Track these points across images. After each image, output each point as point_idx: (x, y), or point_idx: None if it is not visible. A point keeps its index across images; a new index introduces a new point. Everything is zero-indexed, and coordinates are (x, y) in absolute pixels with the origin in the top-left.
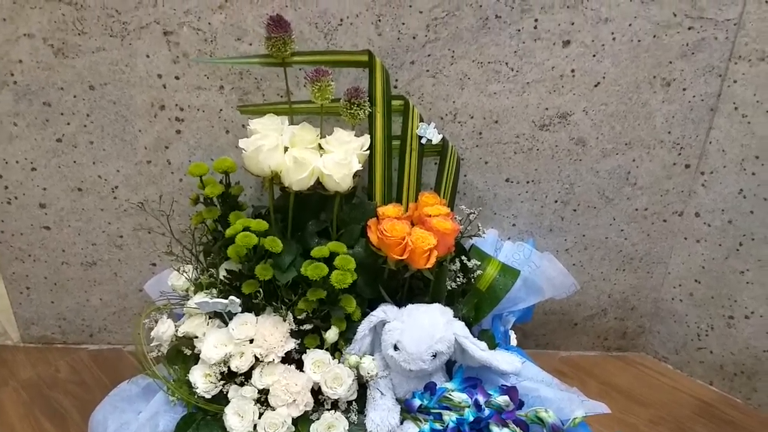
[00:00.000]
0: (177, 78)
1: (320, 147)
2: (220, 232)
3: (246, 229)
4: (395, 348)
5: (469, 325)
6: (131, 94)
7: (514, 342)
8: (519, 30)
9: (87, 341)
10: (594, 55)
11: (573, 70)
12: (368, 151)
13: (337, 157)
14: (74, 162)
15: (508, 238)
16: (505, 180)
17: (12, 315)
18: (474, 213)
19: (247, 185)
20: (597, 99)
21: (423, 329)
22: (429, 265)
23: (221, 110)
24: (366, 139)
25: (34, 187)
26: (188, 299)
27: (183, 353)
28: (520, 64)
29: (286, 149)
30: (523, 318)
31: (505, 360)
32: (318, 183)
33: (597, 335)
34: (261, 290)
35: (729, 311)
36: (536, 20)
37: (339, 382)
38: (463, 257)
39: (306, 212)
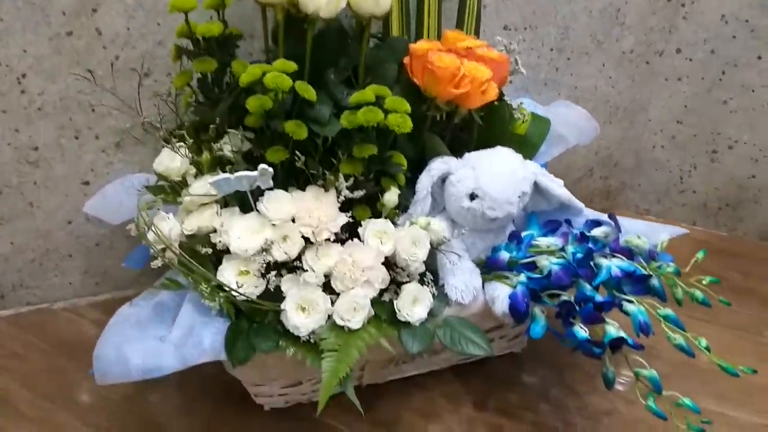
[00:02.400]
0: None
1: None
2: (216, 95)
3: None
4: (471, 198)
5: None
6: None
7: None
8: None
9: (31, 300)
10: None
11: None
12: None
13: None
14: None
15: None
16: (503, 27)
17: None
18: (513, 43)
19: None
20: None
21: (503, 169)
22: (487, 101)
23: None
24: None
25: None
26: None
27: (199, 253)
28: None
29: None
30: None
31: None
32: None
33: (584, 198)
34: (298, 154)
35: (712, 146)
36: None
37: (418, 245)
38: (507, 100)
39: (321, 60)
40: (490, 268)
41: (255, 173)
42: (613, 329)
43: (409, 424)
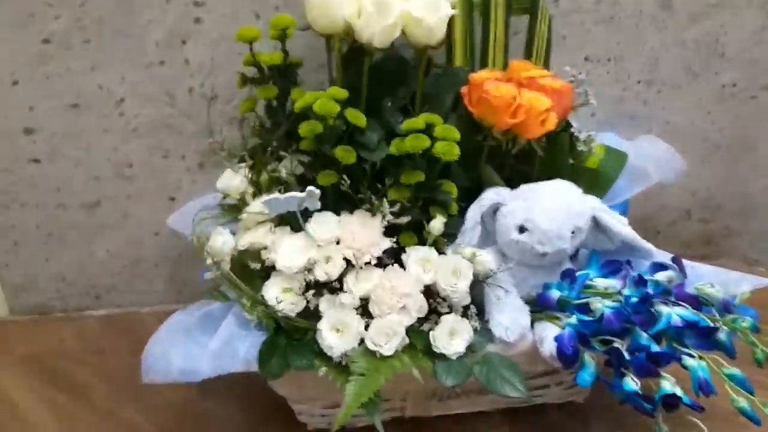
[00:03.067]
0: None
1: None
2: (278, 119)
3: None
4: (521, 231)
5: None
6: None
7: None
8: None
9: (92, 306)
10: None
11: None
12: None
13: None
14: (67, 69)
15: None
16: (584, 58)
17: None
18: (581, 74)
19: None
20: None
21: (556, 202)
22: (546, 131)
23: None
24: None
25: (17, 107)
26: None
27: (249, 269)
28: None
29: None
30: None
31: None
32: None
33: (680, 243)
34: (345, 178)
35: None
36: None
37: (458, 276)
38: (572, 129)
39: (380, 88)
40: (540, 307)
41: (303, 194)
42: (668, 384)
43: None
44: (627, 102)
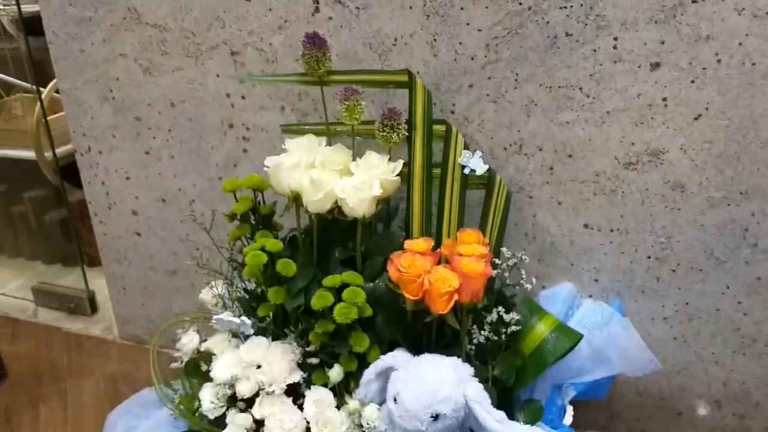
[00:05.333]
0: (243, 98)
1: (349, 170)
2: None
3: (262, 248)
4: (395, 400)
5: (508, 391)
6: (204, 112)
7: (568, 420)
8: (595, 50)
9: (170, 346)
10: (693, 81)
11: (665, 99)
12: (398, 177)
13: (355, 181)
14: (159, 174)
15: (590, 296)
16: (584, 225)
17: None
18: (516, 259)
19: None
20: (698, 135)
21: (425, 383)
22: (447, 310)
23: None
24: (398, 165)
25: (128, 195)
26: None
27: (200, 369)
28: (597, 90)
29: None
30: (591, 393)
31: None
32: (337, 207)
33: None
34: (271, 315)
35: None
36: (615, 38)
37: (330, 428)
38: (500, 308)
39: (334, 239)
40: None
41: (239, 321)
42: None
43: None
44: (636, 274)
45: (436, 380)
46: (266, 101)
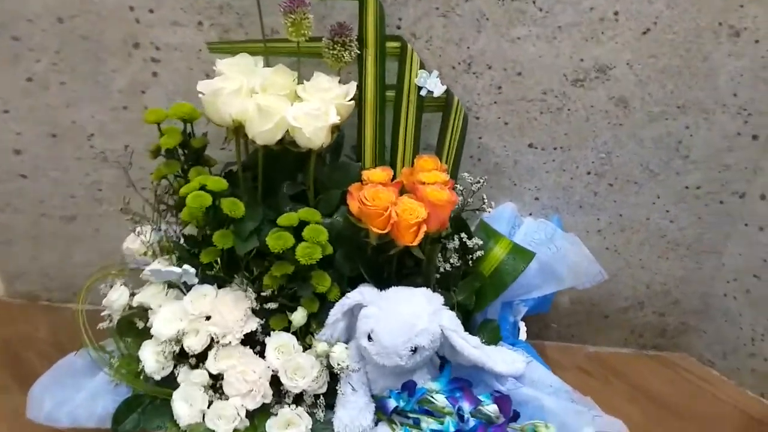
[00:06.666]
0: (151, 11)
1: (297, 95)
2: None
3: (203, 188)
4: (369, 338)
5: (469, 314)
6: (101, 29)
7: (523, 336)
8: None
9: (72, 300)
10: None
11: (616, 13)
12: (352, 102)
13: (309, 107)
14: (47, 105)
15: (530, 214)
16: (528, 145)
17: None
18: (479, 183)
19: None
20: (645, 50)
21: (402, 318)
22: (416, 242)
23: (200, 50)
24: (351, 87)
25: (8, 131)
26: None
27: (136, 326)
28: (551, 3)
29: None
30: (538, 308)
31: (503, 359)
32: (289, 137)
33: (631, 331)
34: (219, 260)
35: None
36: None
37: (301, 374)
38: (463, 235)
39: (281, 172)
40: (380, 410)
41: (180, 270)
42: None
43: None
44: (575, 191)
45: (411, 314)
46: (180, 15)
